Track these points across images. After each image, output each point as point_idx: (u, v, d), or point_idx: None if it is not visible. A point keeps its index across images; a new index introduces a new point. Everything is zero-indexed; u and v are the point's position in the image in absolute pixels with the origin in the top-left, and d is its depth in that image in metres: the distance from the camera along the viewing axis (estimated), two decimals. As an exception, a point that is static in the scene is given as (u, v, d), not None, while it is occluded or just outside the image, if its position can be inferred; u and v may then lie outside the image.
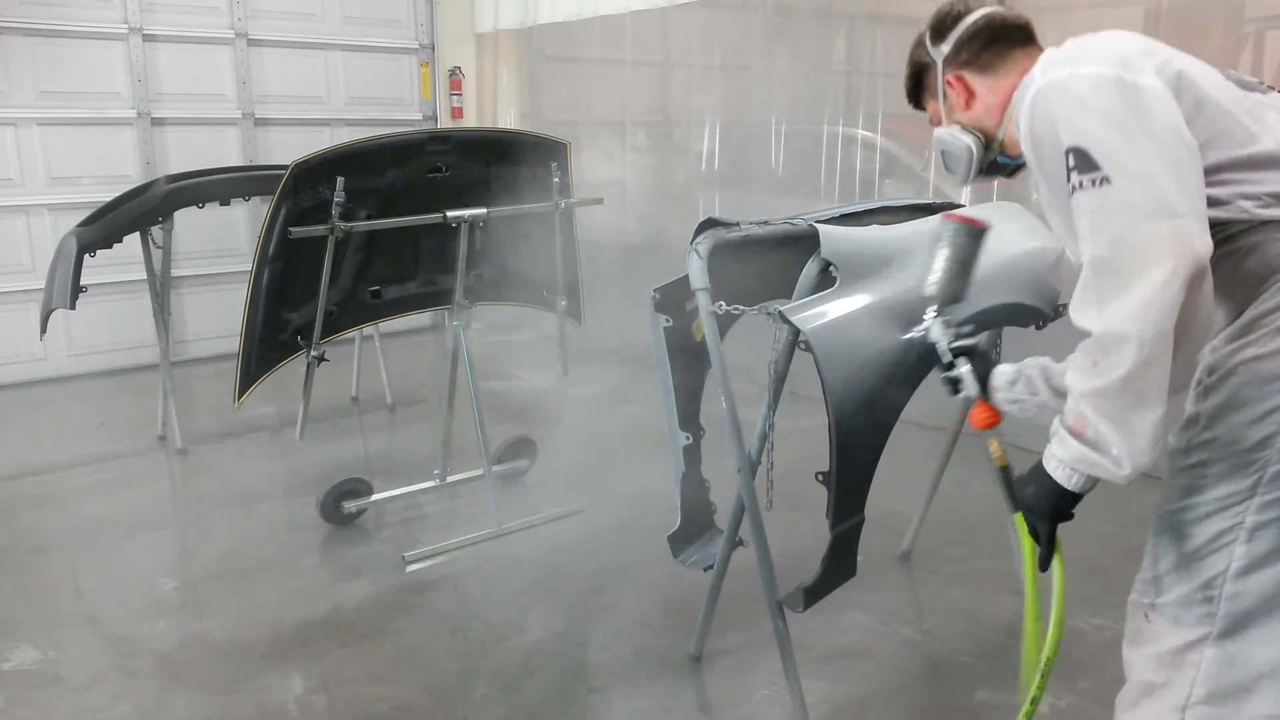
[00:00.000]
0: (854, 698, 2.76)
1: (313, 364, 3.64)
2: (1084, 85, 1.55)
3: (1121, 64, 1.55)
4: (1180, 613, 1.63)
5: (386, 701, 2.76)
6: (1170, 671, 1.64)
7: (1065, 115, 1.55)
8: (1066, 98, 1.56)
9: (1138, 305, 1.42)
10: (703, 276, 2.49)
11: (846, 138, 5.56)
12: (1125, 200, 1.45)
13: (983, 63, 1.82)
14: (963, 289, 1.90)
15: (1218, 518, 1.58)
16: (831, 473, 2.37)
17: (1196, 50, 1.75)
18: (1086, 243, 1.52)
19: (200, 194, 4.81)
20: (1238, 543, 1.56)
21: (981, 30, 1.82)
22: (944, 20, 1.86)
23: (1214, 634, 1.59)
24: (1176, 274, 1.40)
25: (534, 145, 4.13)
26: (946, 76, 1.86)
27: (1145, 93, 1.52)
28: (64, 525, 4.03)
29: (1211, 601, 1.59)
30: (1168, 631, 1.65)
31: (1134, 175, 1.46)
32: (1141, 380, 1.45)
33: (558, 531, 3.87)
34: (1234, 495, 1.56)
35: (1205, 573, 1.59)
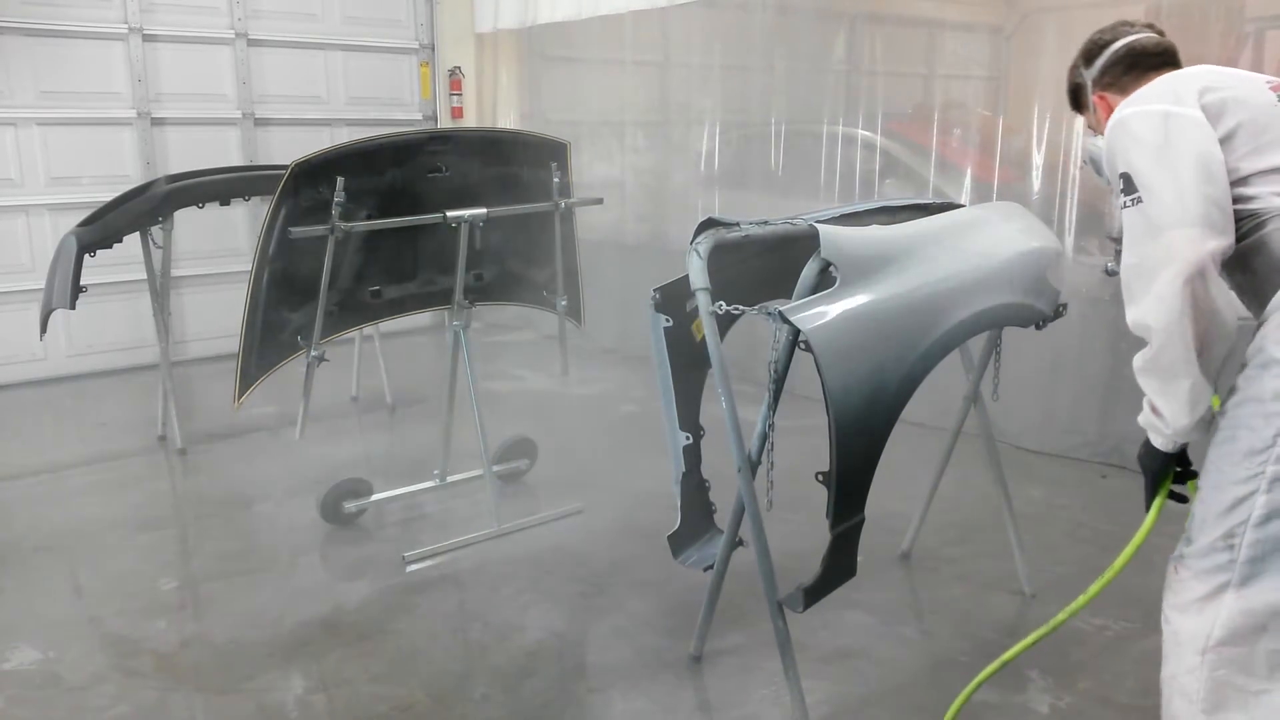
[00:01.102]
0: (854, 698, 2.76)
1: (313, 364, 3.63)
2: (1136, 121, 1.89)
3: (1171, 98, 1.88)
4: (1203, 563, 1.82)
5: (386, 701, 2.76)
6: (1194, 619, 1.83)
7: (1122, 147, 1.90)
8: (1124, 132, 1.90)
9: (1154, 300, 1.78)
10: (703, 276, 2.49)
11: (846, 138, 5.56)
12: (1150, 216, 1.80)
13: (1122, 85, 2.11)
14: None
15: (1243, 468, 1.78)
16: (831, 473, 2.37)
17: (1196, 50, 1.87)
18: (1127, 251, 1.85)
19: (200, 194, 4.81)
20: (1259, 493, 1.76)
21: (1123, 58, 2.13)
22: (1093, 47, 2.20)
23: (1233, 581, 1.78)
24: (1180, 273, 1.74)
25: (534, 145, 4.13)
26: (1094, 96, 2.19)
27: (1180, 121, 1.84)
28: (64, 525, 4.03)
29: (1233, 549, 1.78)
30: (1190, 584, 1.85)
31: (1157, 195, 1.80)
32: (1166, 357, 1.79)
33: (558, 531, 3.87)
34: (1257, 448, 1.77)
35: (1229, 523, 1.79)
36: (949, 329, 2.55)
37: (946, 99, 5.48)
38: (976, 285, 2.65)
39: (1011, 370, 3.27)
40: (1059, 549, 3.65)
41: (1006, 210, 3.10)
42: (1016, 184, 4.92)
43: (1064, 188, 4.77)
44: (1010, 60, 5.46)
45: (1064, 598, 2.14)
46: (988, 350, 3.17)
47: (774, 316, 2.36)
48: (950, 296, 2.56)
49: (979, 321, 2.70)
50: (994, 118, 5.28)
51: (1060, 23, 5.08)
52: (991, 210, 3.15)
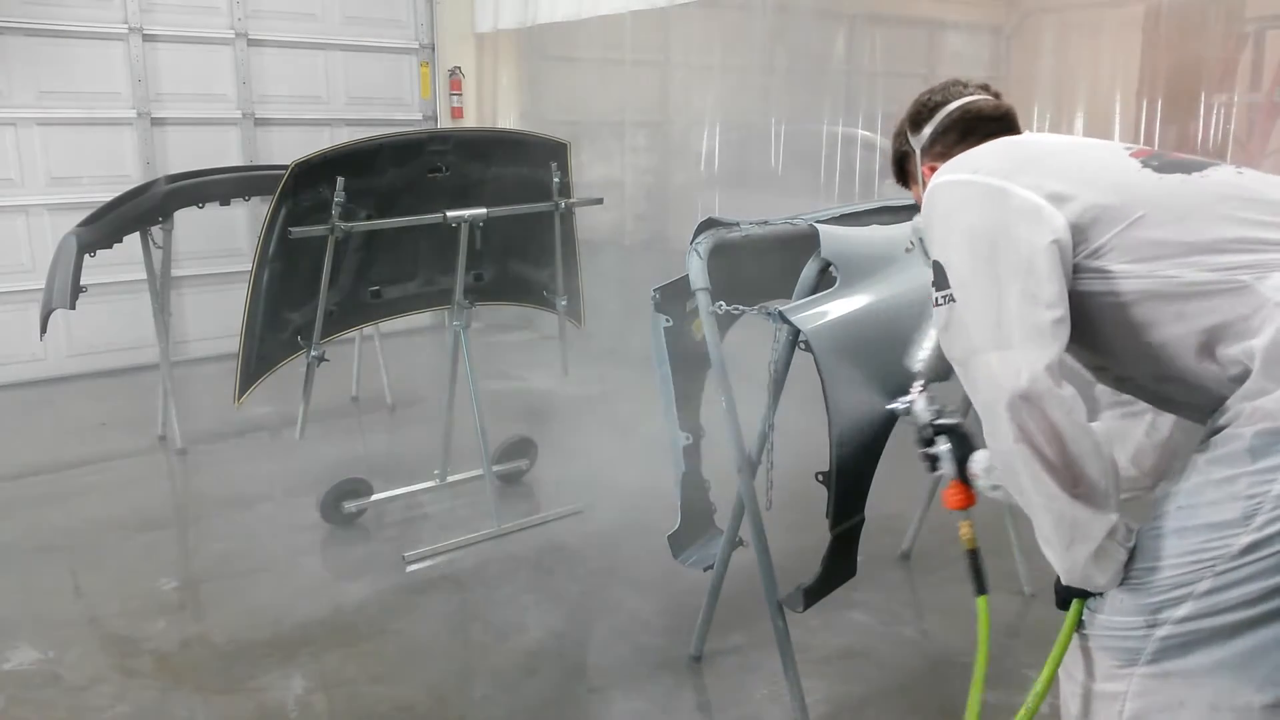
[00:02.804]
0: (854, 698, 2.76)
1: (313, 364, 3.63)
2: (953, 196, 1.58)
3: (1001, 172, 1.56)
4: (1112, 641, 1.55)
5: (386, 701, 2.76)
6: (1106, 685, 1.57)
7: (935, 229, 1.60)
8: (936, 210, 1.61)
9: (986, 424, 1.55)
10: (703, 276, 2.49)
11: (846, 138, 5.57)
12: (966, 327, 1.53)
13: (955, 155, 1.74)
14: (949, 369, 1.78)
15: (1191, 553, 1.48)
16: (831, 473, 2.37)
17: (1197, 50, 1.79)
18: (947, 350, 1.61)
19: (200, 194, 4.81)
20: (1202, 580, 1.45)
21: (956, 122, 1.81)
22: (921, 110, 1.86)
23: (1145, 657, 1.50)
24: (1002, 402, 1.47)
25: (534, 145, 4.13)
26: (923, 167, 1.85)
27: (1008, 203, 1.52)
28: (64, 525, 4.03)
29: (1152, 630, 1.50)
30: (1099, 657, 1.58)
31: (973, 308, 1.52)
32: (1016, 487, 1.55)
33: (558, 531, 3.87)
34: (1211, 545, 1.46)
35: (1155, 601, 1.50)
36: (949, 329, 2.54)
37: (946, 99, 5.48)
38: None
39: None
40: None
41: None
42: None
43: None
44: (1010, 60, 5.46)
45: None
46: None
47: (774, 316, 2.36)
48: (950, 296, 2.56)
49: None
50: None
51: (1060, 23, 5.08)
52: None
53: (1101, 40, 4.84)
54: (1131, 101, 4.59)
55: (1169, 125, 4.52)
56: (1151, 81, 4.62)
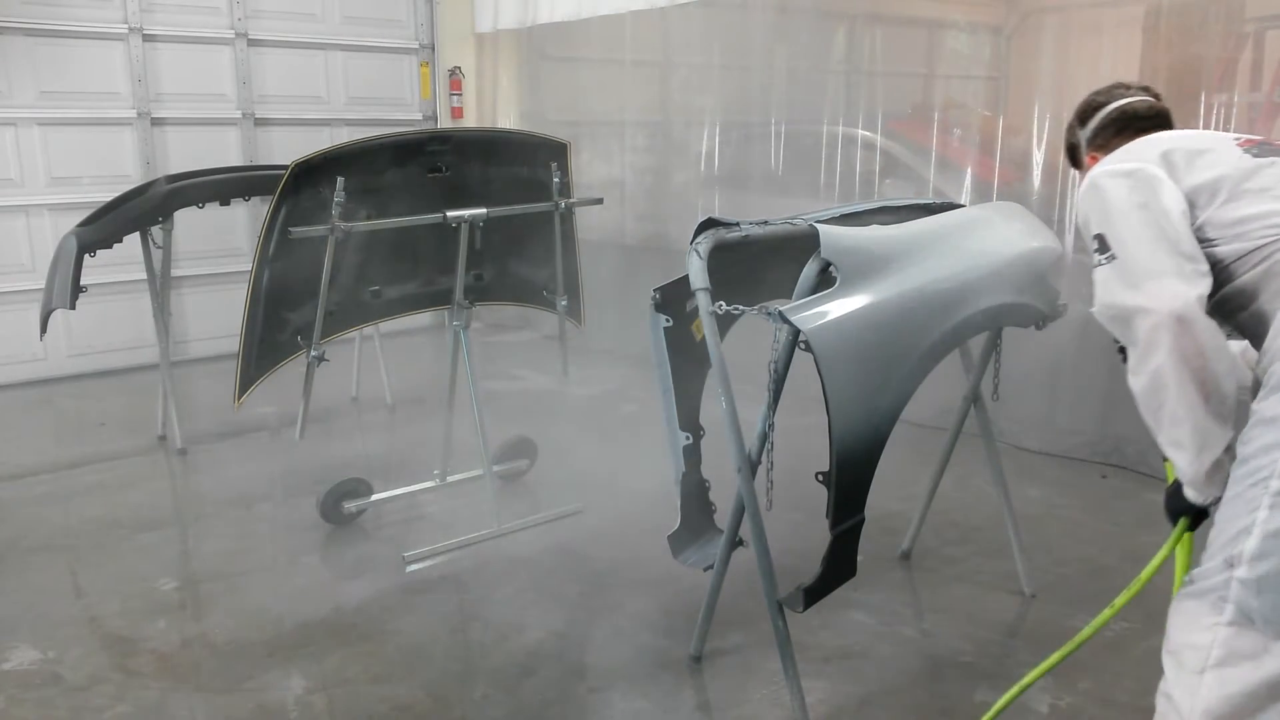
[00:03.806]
0: (854, 698, 2.76)
1: (313, 364, 3.63)
2: (1105, 181, 1.97)
3: (1136, 159, 1.95)
4: (1203, 584, 1.76)
5: (386, 701, 2.76)
6: (1194, 636, 1.76)
7: (1094, 209, 1.97)
8: (1095, 194, 1.98)
9: (1139, 349, 1.84)
10: (703, 276, 2.49)
11: (846, 138, 5.56)
12: (1123, 271, 1.87)
13: (1113, 146, 2.14)
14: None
15: (1247, 488, 1.72)
16: (831, 473, 2.37)
17: (1197, 50, 1.89)
18: (1103, 305, 1.94)
19: (200, 194, 4.81)
20: (1261, 508, 1.69)
21: (1115, 120, 2.20)
22: (1087, 108, 2.27)
23: (1229, 608, 1.70)
24: (1158, 323, 1.79)
25: (534, 145, 4.13)
26: (1087, 156, 2.26)
27: (1144, 178, 1.92)
28: (64, 525, 4.04)
29: (1231, 571, 1.71)
30: (1191, 607, 1.78)
31: (1129, 250, 1.87)
32: (1162, 403, 1.83)
33: (558, 531, 3.87)
34: (1262, 468, 1.71)
35: (1231, 549, 1.73)
36: (949, 329, 2.55)
37: (946, 99, 5.48)
38: (977, 285, 2.65)
39: (1011, 370, 3.27)
40: (1059, 549, 3.65)
41: (1007, 210, 3.10)
42: (1016, 184, 4.92)
43: (1064, 188, 4.77)
44: (1010, 60, 5.46)
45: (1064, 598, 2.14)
46: (988, 350, 3.17)
47: (774, 316, 2.36)
48: (950, 296, 2.56)
49: (979, 321, 2.70)
50: (994, 118, 5.28)
51: (1060, 23, 5.07)
52: (992, 210, 3.15)
53: (1101, 40, 4.84)
54: (1131, 101, 4.59)
55: (1169, 125, 4.53)
56: (1151, 81, 4.60)
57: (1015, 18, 5.49)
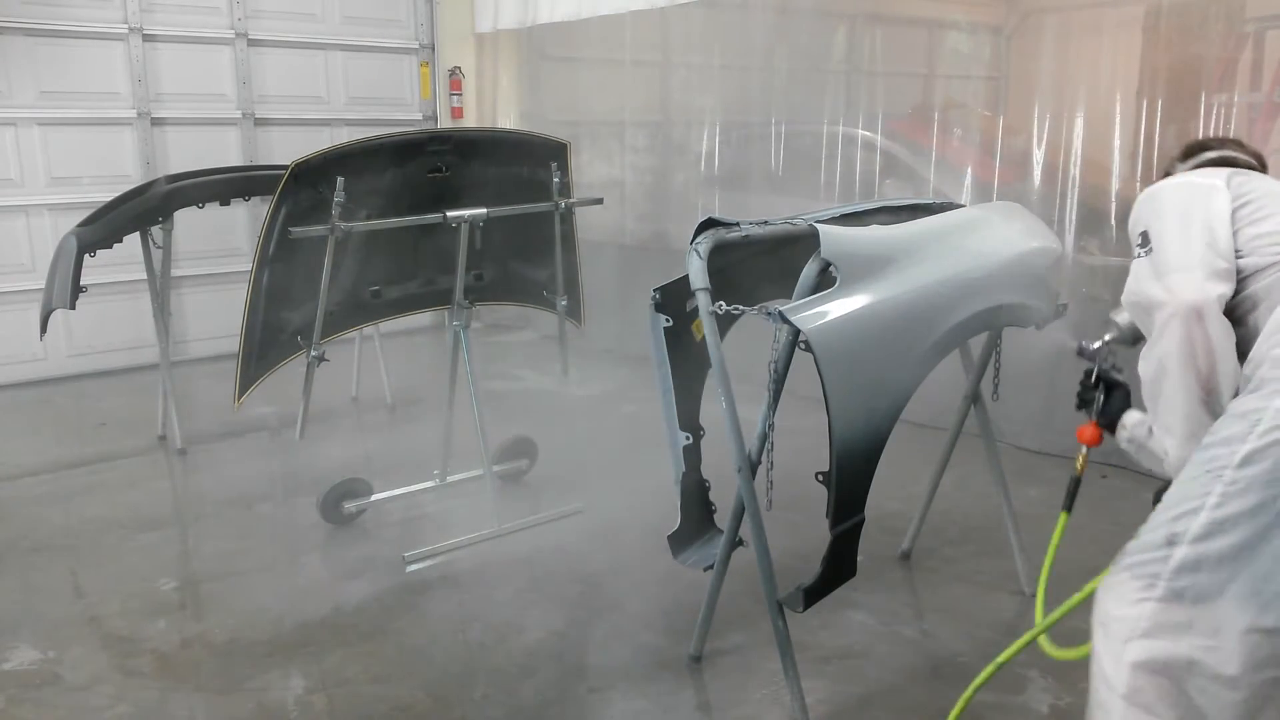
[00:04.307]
0: (854, 698, 2.76)
1: (313, 364, 3.63)
2: (1162, 190, 2.08)
3: (1199, 174, 2.07)
4: (1138, 557, 1.77)
5: (386, 701, 2.76)
6: (1125, 609, 1.77)
7: (1146, 211, 2.07)
8: (1150, 199, 2.09)
9: (1155, 335, 1.91)
10: (703, 276, 2.49)
11: (846, 138, 5.56)
12: (1157, 262, 1.95)
13: None
14: (1135, 341, 2.28)
15: (1203, 473, 1.74)
16: (831, 473, 2.37)
17: (1197, 50, 1.89)
18: (1132, 292, 2.01)
19: (200, 194, 4.81)
20: (1212, 494, 1.70)
21: (1213, 163, 2.23)
22: (1192, 147, 2.34)
23: (1159, 592, 1.71)
24: (1177, 312, 1.86)
25: (534, 145, 4.13)
26: None
27: (1199, 187, 2.02)
28: (64, 525, 4.04)
29: (1172, 546, 1.72)
30: (1125, 580, 1.77)
31: (1166, 243, 1.96)
32: (1165, 388, 1.90)
33: (558, 531, 3.87)
34: (1220, 457, 1.72)
35: (1174, 526, 1.74)
36: (949, 329, 2.55)
37: (946, 99, 5.48)
38: (977, 285, 2.65)
39: (1011, 370, 3.27)
40: (1059, 549, 3.64)
41: (1007, 210, 3.10)
42: (1016, 184, 4.92)
43: (1064, 188, 4.77)
44: (1010, 60, 5.46)
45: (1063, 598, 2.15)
46: (988, 350, 3.17)
47: (774, 316, 2.36)
48: (950, 296, 2.56)
49: (979, 321, 2.70)
50: (994, 118, 5.28)
51: (1060, 23, 5.07)
52: (992, 210, 3.15)
53: (1101, 40, 4.84)
54: (1131, 101, 4.58)
55: (1169, 125, 4.52)
56: (1151, 81, 4.62)
57: (1015, 18, 5.49)
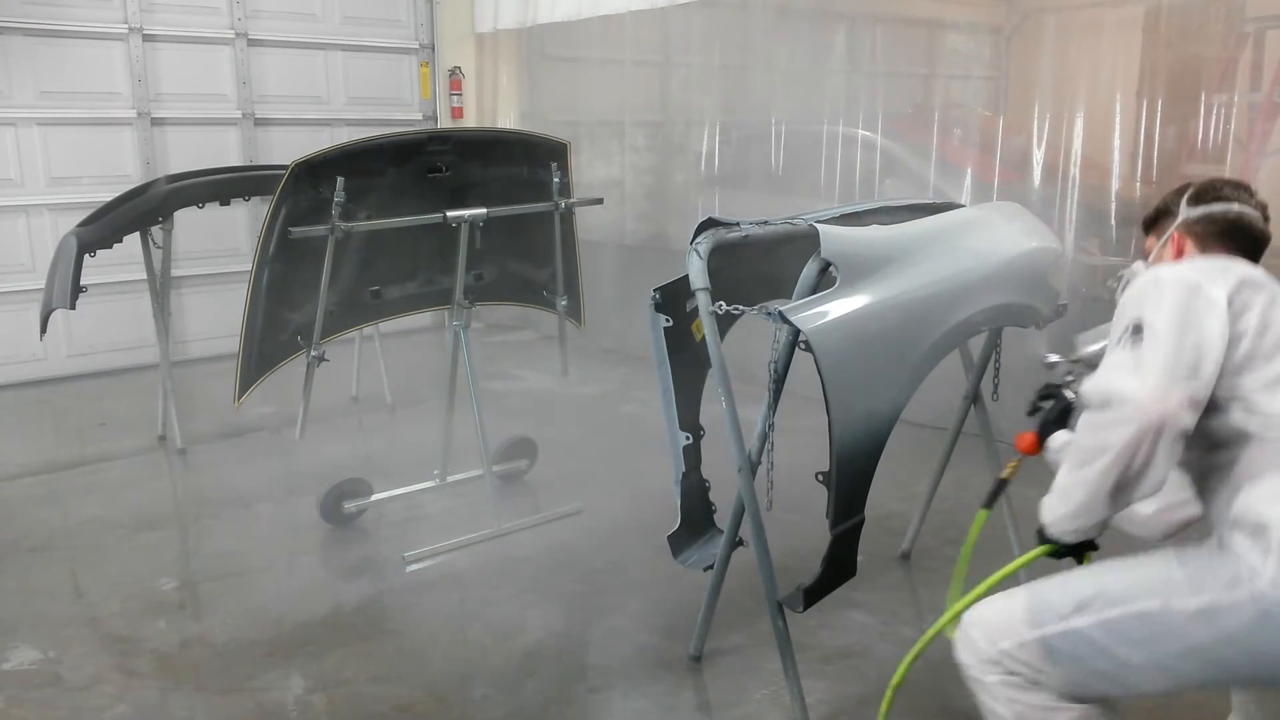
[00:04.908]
0: (854, 698, 2.76)
1: (313, 364, 3.63)
2: (1170, 284, 1.86)
3: (1206, 277, 1.86)
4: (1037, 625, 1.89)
5: (386, 701, 2.76)
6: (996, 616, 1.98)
7: (1146, 300, 1.86)
8: (1155, 288, 1.87)
9: (1107, 420, 1.76)
10: (703, 276, 2.49)
11: (846, 138, 5.56)
12: (1143, 356, 1.77)
13: (1204, 242, 2.06)
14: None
15: (1134, 616, 1.80)
16: (831, 473, 2.37)
17: (1197, 50, 1.82)
18: (1104, 373, 1.83)
19: (200, 194, 4.81)
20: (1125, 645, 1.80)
21: (1223, 221, 2.05)
22: (1206, 193, 2.10)
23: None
24: (1136, 419, 1.71)
25: (534, 145, 4.13)
26: (1175, 232, 2.12)
27: (1206, 300, 1.82)
28: (64, 525, 4.04)
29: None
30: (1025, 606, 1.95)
31: (1160, 343, 1.77)
32: (1082, 470, 1.80)
33: (558, 531, 3.87)
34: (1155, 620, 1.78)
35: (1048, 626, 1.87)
36: (949, 329, 2.55)
37: (946, 99, 5.48)
38: (976, 285, 2.65)
39: (1011, 370, 3.27)
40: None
41: (1007, 210, 3.10)
42: (1016, 184, 4.92)
43: (1064, 188, 4.77)
44: (1010, 60, 5.46)
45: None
46: (988, 350, 3.17)
47: (774, 316, 2.36)
48: (950, 296, 2.56)
49: (979, 321, 2.70)
50: (994, 118, 5.29)
51: (1060, 23, 5.08)
52: (992, 210, 3.14)
53: (1101, 40, 4.84)
54: (1131, 101, 4.58)
55: (1169, 125, 4.52)
56: (1151, 81, 4.62)
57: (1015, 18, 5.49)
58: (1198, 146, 4.45)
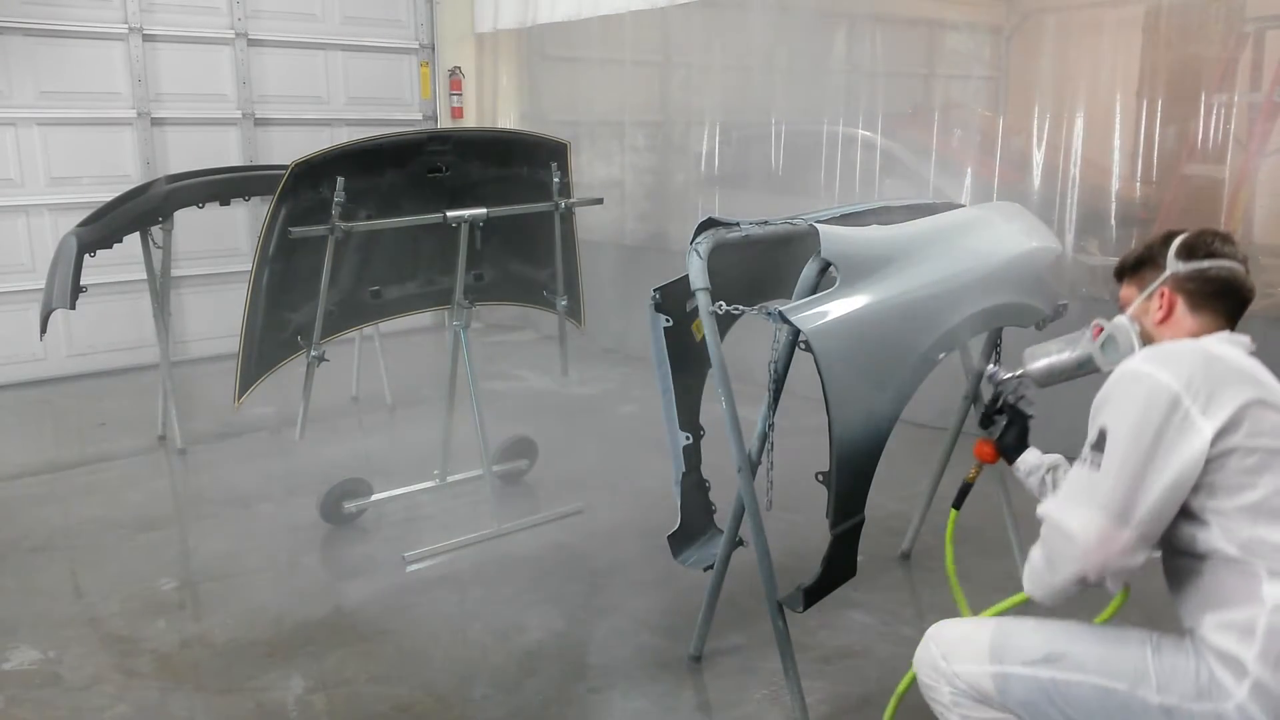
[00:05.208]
0: (854, 698, 2.77)
1: (313, 364, 3.63)
2: (1149, 388, 1.75)
3: (1196, 385, 1.73)
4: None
5: (386, 701, 2.76)
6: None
7: (1121, 403, 1.78)
8: (1132, 389, 1.78)
9: (1055, 561, 1.77)
10: (703, 276, 2.49)
11: (846, 138, 5.56)
12: (1096, 488, 1.73)
13: (1196, 301, 1.95)
14: (1045, 385, 2.31)
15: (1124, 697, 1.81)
16: (831, 473, 2.37)
17: (1197, 50, 1.78)
18: (1057, 500, 1.82)
19: (200, 194, 4.81)
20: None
21: (1218, 280, 1.94)
22: (1198, 247, 1.97)
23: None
24: (1081, 567, 1.72)
25: (534, 145, 4.13)
26: (1164, 287, 1.99)
27: (1185, 423, 1.71)
28: (64, 525, 4.04)
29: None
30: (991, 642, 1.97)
31: (1114, 477, 1.72)
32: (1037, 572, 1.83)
33: (558, 531, 3.87)
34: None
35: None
36: (949, 329, 2.55)
37: (946, 99, 5.48)
38: (976, 285, 2.65)
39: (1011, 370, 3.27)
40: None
41: (1006, 210, 3.10)
42: (1016, 184, 4.92)
43: (1064, 188, 4.77)
44: (1010, 60, 5.46)
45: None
46: (988, 350, 3.17)
47: (774, 316, 2.36)
48: (950, 296, 2.56)
49: (979, 321, 2.70)
50: (994, 118, 5.29)
51: (1060, 23, 5.08)
52: (991, 210, 3.14)
53: (1101, 40, 4.84)
54: (1131, 101, 4.59)
55: (1169, 125, 4.52)
56: (1151, 81, 4.62)
57: (1015, 18, 5.49)
58: (1198, 146, 4.45)
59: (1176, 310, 1.96)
